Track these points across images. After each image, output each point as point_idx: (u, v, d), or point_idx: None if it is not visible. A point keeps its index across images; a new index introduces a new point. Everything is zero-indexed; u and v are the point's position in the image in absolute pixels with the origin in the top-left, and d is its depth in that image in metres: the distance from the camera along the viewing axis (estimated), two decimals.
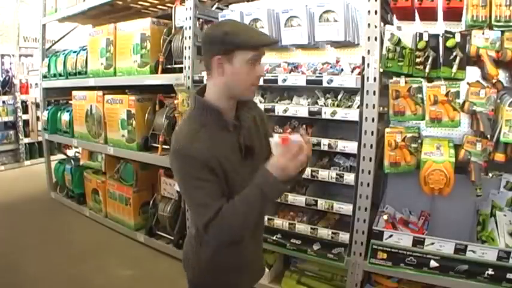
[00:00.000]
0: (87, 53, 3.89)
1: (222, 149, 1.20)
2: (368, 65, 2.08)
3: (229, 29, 1.18)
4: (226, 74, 1.20)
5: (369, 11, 2.06)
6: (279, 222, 2.52)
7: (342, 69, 2.35)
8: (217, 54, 1.17)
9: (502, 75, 2.07)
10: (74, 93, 4.06)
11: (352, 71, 2.32)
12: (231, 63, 1.18)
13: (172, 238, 3.22)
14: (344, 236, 2.29)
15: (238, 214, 1.15)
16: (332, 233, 2.34)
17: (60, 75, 4.32)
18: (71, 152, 5.49)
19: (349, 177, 2.24)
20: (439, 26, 2.20)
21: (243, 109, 1.32)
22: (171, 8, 3.15)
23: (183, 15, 2.88)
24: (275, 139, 1.15)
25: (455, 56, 1.94)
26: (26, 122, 6.47)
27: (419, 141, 2.15)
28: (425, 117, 2.08)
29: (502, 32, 1.84)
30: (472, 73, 2.10)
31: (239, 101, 1.29)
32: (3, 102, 6.14)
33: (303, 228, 2.44)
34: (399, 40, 2.03)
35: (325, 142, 2.29)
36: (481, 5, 1.84)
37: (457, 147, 2.06)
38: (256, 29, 1.50)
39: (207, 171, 1.16)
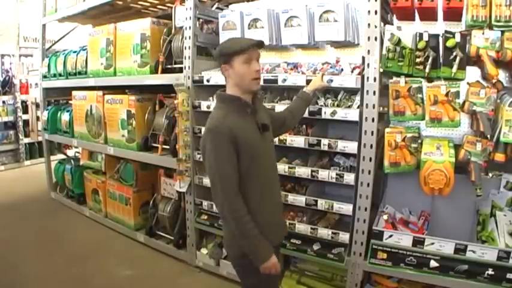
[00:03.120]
0: (87, 53, 3.89)
1: (245, 127, 1.59)
2: (368, 65, 2.09)
3: (223, 45, 1.68)
4: (232, 76, 1.62)
5: (369, 11, 2.06)
6: None
7: (342, 69, 2.35)
8: (222, 64, 1.63)
9: (502, 75, 2.07)
10: (74, 93, 4.06)
11: (352, 71, 2.31)
12: (233, 67, 1.60)
13: (172, 238, 3.22)
14: (344, 236, 2.29)
15: (236, 225, 1.55)
16: (332, 233, 2.34)
17: (60, 75, 4.32)
18: (71, 152, 5.49)
19: (349, 177, 2.24)
20: (439, 26, 2.21)
21: (256, 98, 1.72)
22: (171, 8, 3.16)
23: (183, 15, 2.88)
24: None
25: (455, 56, 1.94)
26: (26, 122, 6.48)
27: (419, 141, 2.15)
28: (425, 117, 2.09)
29: (502, 32, 1.84)
30: (472, 73, 2.10)
31: (253, 92, 1.68)
32: (3, 102, 6.15)
33: (303, 228, 2.44)
34: (399, 40, 2.03)
35: (325, 142, 2.29)
36: (481, 5, 1.84)
37: (457, 147, 2.06)
38: (246, 38, 1.91)
39: (232, 147, 1.52)
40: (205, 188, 2.87)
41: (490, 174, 2.20)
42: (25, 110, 6.47)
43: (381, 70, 2.08)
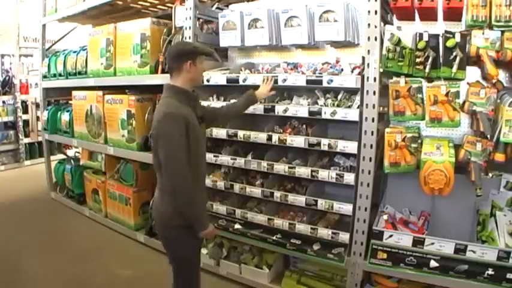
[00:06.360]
0: (87, 53, 3.89)
1: (192, 116, 1.86)
2: (368, 65, 2.09)
3: (193, 44, 2.18)
4: (193, 72, 1.91)
5: (368, 11, 2.06)
6: (279, 222, 2.52)
7: (342, 69, 2.35)
8: (189, 60, 1.88)
9: (502, 75, 2.07)
10: (74, 93, 4.06)
11: (352, 71, 2.32)
12: (195, 65, 1.91)
13: None
14: (344, 236, 2.29)
15: (188, 197, 1.80)
16: (332, 233, 2.34)
17: (60, 75, 4.32)
18: (71, 152, 5.49)
19: (349, 177, 2.24)
20: (439, 26, 2.21)
21: (195, 93, 2.02)
22: (171, 8, 3.16)
23: (183, 15, 2.88)
24: None
25: (455, 56, 1.94)
26: (26, 122, 6.47)
27: (419, 141, 2.15)
28: (425, 117, 2.09)
29: (502, 32, 1.85)
30: (472, 73, 2.10)
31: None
32: (3, 102, 6.14)
33: (303, 228, 2.44)
34: (399, 40, 2.03)
35: (325, 142, 2.29)
36: (481, 5, 1.85)
37: (457, 147, 2.06)
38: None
39: (184, 131, 1.77)
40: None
41: (490, 174, 2.19)
42: (25, 110, 6.46)
43: (381, 70, 2.09)
